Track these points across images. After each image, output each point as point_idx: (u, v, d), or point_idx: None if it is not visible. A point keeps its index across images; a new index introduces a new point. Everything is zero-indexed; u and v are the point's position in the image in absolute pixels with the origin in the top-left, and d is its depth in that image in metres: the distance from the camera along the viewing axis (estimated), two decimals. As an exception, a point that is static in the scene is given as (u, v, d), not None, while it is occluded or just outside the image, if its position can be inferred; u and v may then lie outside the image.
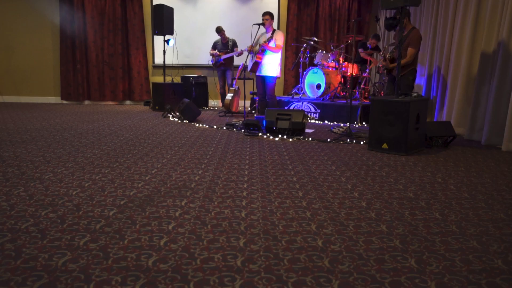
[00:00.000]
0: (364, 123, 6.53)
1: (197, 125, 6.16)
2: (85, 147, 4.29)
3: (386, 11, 7.78)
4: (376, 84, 7.21)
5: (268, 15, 6.06)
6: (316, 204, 2.62)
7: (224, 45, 8.05)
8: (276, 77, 6.23)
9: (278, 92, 8.95)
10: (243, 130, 5.47)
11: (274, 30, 6.12)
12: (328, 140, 4.94)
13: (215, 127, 5.93)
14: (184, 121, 6.52)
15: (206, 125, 6.11)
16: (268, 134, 5.22)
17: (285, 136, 5.11)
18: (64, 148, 4.20)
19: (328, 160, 3.91)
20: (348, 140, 4.91)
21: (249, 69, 6.28)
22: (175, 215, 2.36)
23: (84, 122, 6.15)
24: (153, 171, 3.36)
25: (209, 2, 9.10)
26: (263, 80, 6.26)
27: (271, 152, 4.23)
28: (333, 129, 5.75)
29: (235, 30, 8.75)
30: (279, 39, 6.04)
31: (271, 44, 5.99)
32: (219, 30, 7.97)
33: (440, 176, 3.38)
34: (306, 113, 5.68)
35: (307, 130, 5.66)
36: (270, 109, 5.38)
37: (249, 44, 6.41)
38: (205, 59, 8.76)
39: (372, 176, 3.32)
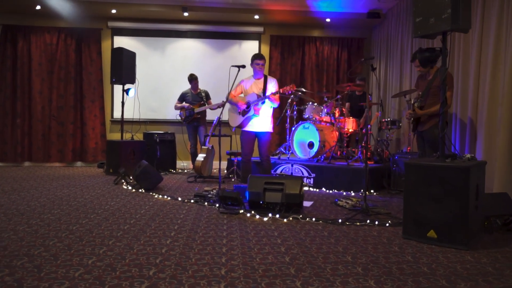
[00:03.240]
0: (372, 191, 5.15)
1: (156, 196, 4.61)
2: (-41, 242, 2.66)
3: (413, 41, 6.41)
4: (382, 142, 5.96)
5: (264, 59, 4.84)
6: None
7: (196, 96, 6.76)
8: (271, 133, 4.90)
9: (260, 151, 7.58)
10: (217, 205, 3.96)
11: (266, 77, 4.86)
12: (340, 220, 3.48)
13: (179, 199, 4.39)
14: (140, 189, 4.96)
15: (168, 196, 4.56)
16: (253, 212, 3.72)
17: (277, 215, 3.61)
18: None
19: (354, 261, 2.42)
20: (368, 221, 3.45)
21: (236, 123, 4.90)
22: None
23: None
24: (42, 306, 1.76)
25: (180, 49, 7.93)
26: (255, 137, 4.87)
27: (261, 246, 2.71)
28: (339, 202, 4.32)
29: (209, 81, 7.52)
30: (277, 88, 4.83)
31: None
32: (193, 78, 6.71)
33: None
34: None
35: (304, 203, 4.20)
36: (255, 177, 3.94)
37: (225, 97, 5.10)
38: (174, 113, 7.39)
39: (449, 305, 1.84)
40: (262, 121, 4.76)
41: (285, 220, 3.51)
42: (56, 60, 7.56)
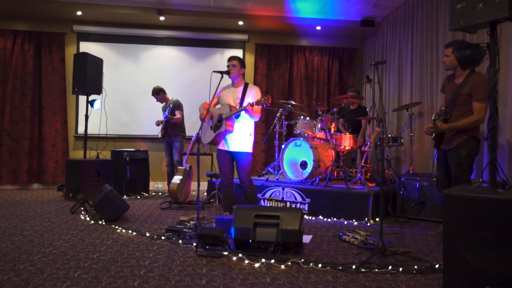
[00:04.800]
0: (378, 219, 4.39)
1: (118, 229, 3.73)
2: None
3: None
4: (385, 160, 5.25)
5: (236, 60, 4.06)
6: None
7: (166, 109, 5.99)
8: (252, 154, 4.10)
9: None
10: (194, 245, 3.11)
11: (246, 85, 4.09)
12: (354, 266, 2.68)
13: (147, 234, 3.52)
14: (101, 221, 4.06)
15: (133, 230, 3.68)
16: (240, 255, 2.88)
17: (272, 260, 2.79)
18: None
19: None
20: (390, 268, 2.67)
21: (207, 140, 4.12)
22: None
23: None
24: None
25: (155, 57, 7.12)
26: (232, 158, 4.08)
27: (256, 318, 1.89)
28: (344, 237, 3.53)
29: (188, 92, 6.75)
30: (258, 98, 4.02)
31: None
32: (156, 92, 5.97)
33: None
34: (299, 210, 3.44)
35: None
36: (243, 208, 3.12)
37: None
38: (149, 128, 6.54)
39: None
40: (239, 139, 3.98)
41: (282, 266, 2.69)
42: (10, 68, 6.60)
